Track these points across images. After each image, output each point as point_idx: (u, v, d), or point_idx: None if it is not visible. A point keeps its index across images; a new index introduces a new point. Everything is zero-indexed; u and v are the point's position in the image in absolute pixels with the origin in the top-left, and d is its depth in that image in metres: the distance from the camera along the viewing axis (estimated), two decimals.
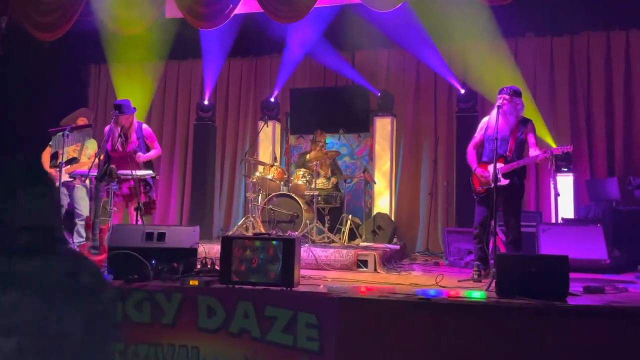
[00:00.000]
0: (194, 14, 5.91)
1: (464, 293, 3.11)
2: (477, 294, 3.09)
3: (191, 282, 3.35)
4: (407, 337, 3.03)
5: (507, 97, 4.28)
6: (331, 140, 7.50)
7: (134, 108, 5.01)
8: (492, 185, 3.92)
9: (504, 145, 4.28)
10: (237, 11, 6.07)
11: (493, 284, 3.45)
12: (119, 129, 4.84)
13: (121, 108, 4.82)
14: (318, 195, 5.90)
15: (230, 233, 6.07)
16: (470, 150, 4.56)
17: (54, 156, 5.75)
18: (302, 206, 5.78)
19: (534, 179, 7.10)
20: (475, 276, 4.06)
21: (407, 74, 7.75)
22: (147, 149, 5.06)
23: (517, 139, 4.30)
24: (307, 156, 6.30)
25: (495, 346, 2.94)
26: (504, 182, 4.09)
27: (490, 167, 4.27)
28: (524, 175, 4.35)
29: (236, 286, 3.31)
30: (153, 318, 3.35)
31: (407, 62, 7.70)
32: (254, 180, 6.13)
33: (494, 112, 4.29)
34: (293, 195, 5.88)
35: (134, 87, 7.88)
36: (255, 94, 8.35)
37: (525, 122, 4.35)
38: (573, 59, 7.13)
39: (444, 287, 3.57)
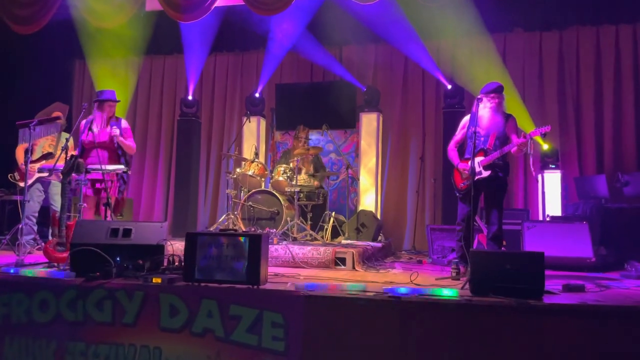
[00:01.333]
0: (173, 5, 5.77)
1: (434, 291, 2.98)
2: (449, 292, 2.97)
3: (154, 280, 3.22)
4: (376, 337, 2.90)
5: (492, 94, 4.18)
6: (317, 137, 7.38)
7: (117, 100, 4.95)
8: (472, 179, 3.79)
9: (486, 140, 4.17)
10: (217, 3, 5.93)
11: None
12: (104, 117, 4.74)
13: (105, 95, 4.77)
14: (300, 192, 5.77)
15: (211, 230, 5.93)
16: (452, 149, 4.46)
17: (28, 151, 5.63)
18: (283, 203, 5.65)
19: (522, 176, 6.98)
20: (454, 274, 3.94)
21: (394, 70, 7.62)
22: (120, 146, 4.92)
23: (500, 134, 4.18)
24: (294, 152, 6.16)
25: (466, 346, 2.82)
26: (485, 173, 3.97)
27: (471, 162, 4.15)
28: (507, 171, 4.23)
29: (200, 284, 3.19)
30: (114, 317, 3.22)
31: (395, 58, 7.57)
32: (235, 176, 5.99)
33: (485, 110, 4.21)
34: (273, 191, 5.75)
35: (114, 82, 7.73)
36: (241, 89, 8.22)
37: (507, 118, 4.24)
38: (562, 54, 7.01)
39: (418, 285, 3.45)
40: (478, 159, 4.10)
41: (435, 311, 2.89)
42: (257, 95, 7.63)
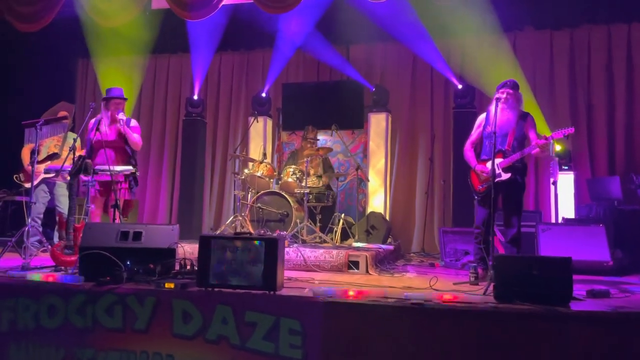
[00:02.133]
0: (180, 3, 5.66)
1: (460, 297, 2.87)
2: (474, 299, 2.86)
3: (166, 285, 3.12)
4: (398, 345, 2.80)
5: (510, 90, 4.07)
6: (323, 138, 7.27)
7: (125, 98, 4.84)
8: (492, 181, 3.68)
9: (503, 141, 4.06)
10: (225, 2, 5.82)
11: (491, 288, 3.23)
12: (109, 115, 4.63)
13: (113, 93, 4.67)
14: (309, 193, 5.67)
15: (218, 232, 5.83)
16: (468, 149, 4.34)
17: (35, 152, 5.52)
18: (292, 204, 5.54)
19: (533, 177, 6.88)
20: (472, 279, 3.83)
21: (402, 69, 7.52)
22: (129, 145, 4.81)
23: (517, 134, 4.08)
24: (303, 152, 6.06)
25: (492, 354, 2.72)
26: (505, 176, 3.86)
27: (489, 164, 4.05)
28: (525, 172, 4.13)
29: (215, 289, 3.08)
30: (125, 323, 3.11)
31: (403, 57, 7.47)
32: (243, 177, 5.89)
33: (493, 106, 4.06)
34: (283, 193, 5.64)
35: (118, 81, 7.62)
36: (246, 89, 8.12)
37: (525, 117, 4.14)
38: (573, 54, 6.92)
39: (438, 290, 3.34)
40: (497, 161, 3.99)
41: (459, 318, 2.78)
42: (263, 95, 7.52)
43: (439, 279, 3.80)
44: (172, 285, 3.11)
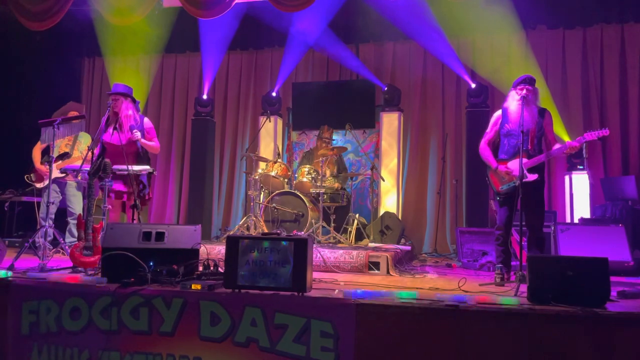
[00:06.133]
0: (193, 2, 5.60)
1: (495, 299, 2.82)
2: (509, 300, 2.81)
3: (193, 287, 3.05)
4: (432, 347, 2.75)
5: (530, 87, 4.00)
6: (335, 137, 7.21)
7: (135, 99, 4.73)
8: (518, 182, 3.63)
9: (525, 140, 3.99)
10: (238, 0, 5.76)
11: (521, 289, 3.19)
12: (115, 115, 4.52)
13: (114, 89, 4.56)
14: (324, 193, 5.61)
15: (231, 233, 5.77)
16: (485, 148, 4.24)
17: (46, 151, 5.44)
18: (308, 205, 5.48)
19: (546, 176, 6.81)
20: (498, 280, 3.79)
21: (413, 68, 7.48)
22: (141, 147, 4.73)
23: (538, 132, 4.01)
24: (317, 152, 6.00)
25: (530, 357, 2.67)
26: (531, 177, 3.79)
27: (510, 164, 4.00)
28: (544, 170, 4.07)
29: (242, 291, 3.02)
30: (151, 326, 3.05)
31: (414, 55, 7.43)
32: (256, 177, 5.82)
33: (515, 104, 4.00)
34: (298, 193, 5.59)
35: (129, 80, 7.56)
36: (255, 88, 8.06)
37: (542, 113, 4.05)
38: (586, 53, 6.88)
39: (467, 292, 3.29)
40: (519, 160, 3.92)
41: (494, 320, 2.73)
42: (273, 94, 7.46)
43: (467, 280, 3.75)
44: (199, 287, 3.05)
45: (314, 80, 7.78)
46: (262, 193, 5.94)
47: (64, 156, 5.24)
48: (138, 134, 4.47)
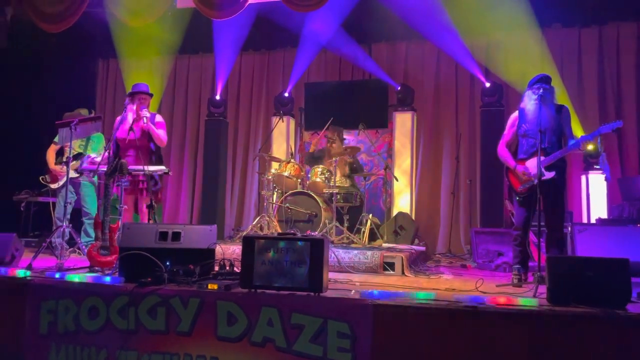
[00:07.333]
0: (207, 2, 5.61)
1: (514, 300, 2.79)
2: (529, 302, 2.78)
3: (209, 286, 3.06)
4: (451, 349, 2.72)
5: (546, 86, 3.96)
6: (348, 137, 7.20)
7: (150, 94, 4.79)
8: (536, 181, 3.59)
9: (543, 138, 3.94)
10: (251, 0, 5.76)
11: (540, 290, 3.15)
12: (134, 113, 4.56)
13: (136, 88, 4.63)
14: (337, 194, 5.59)
15: (244, 233, 5.77)
16: (503, 148, 4.21)
17: (60, 153, 5.50)
18: (321, 205, 5.47)
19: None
20: (516, 280, 3.75)
21: (426, 67, 7.44)
22: (154, 142, 4.75)
23: (556, 130, 3.96)
24: (330, 151, 5.99)
25: (550, 358, 2.63)
26: (548, 175, 3.74)
27: (528, 163, 3.96)
28: (565, 170, 4.02)
29: (258, 291, 3.02)
30: (168, 325, 3.06)
31: (427, 54, 7.40)
32: (269, 177, 5.83)
33: (532, 103, 3.96)
34: (311, 193, 5.58)
35: (143, 81, 7.59)
36: (267, 88, 8.07)
37: (560, 110, 4.01)
38: (602, 51, 6.80)
39: (485, 293, 3.26)
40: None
41: (514, 321, 2.70)
42: (286, 94, 7.46)
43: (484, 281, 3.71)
44: (215, 287, 3.05)
45: (327, 80, 7.77)
46: (275, 193, 5.94)
47: (77, 157, 5.29)
48: (146, 113, 4.50)
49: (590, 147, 6.15)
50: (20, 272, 3.51)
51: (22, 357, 3.28)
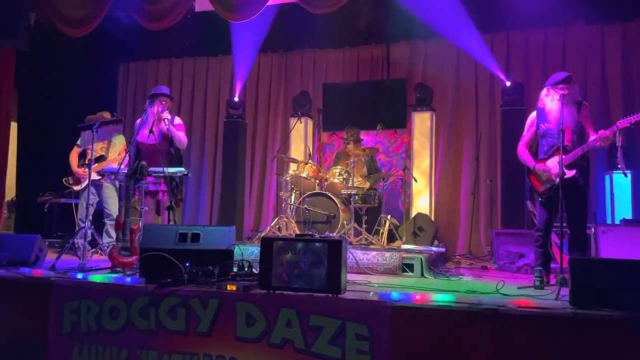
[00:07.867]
0: (225, 5, 5.65)
1: (537, 303, 2.74)
2: (551, 304, 2.73)
3: (228, 287, 3.08)
4: (471, 352, 2.69)
5: (566, 85, 3.89)
6: (365, 138, 7.18)
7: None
8: (557, 180, 3.52)
9: (564, 137, 3.87)
10: (270, 2, 5.78)
11: (563, 292, 3.09)
12: (155, 115, 4.63)
13: (157, 90, 4.70)
14: (355, 195, 5.58)
15: (263, 234, 5.80)
16: (523, 149, 4.15)
17: (82, 155, 5.60)
18: (339, 206, 5.46)
19: None
20: (537, 283, 3.68)
21: (445, 66, 7.36)
22: (174, 146, 4.81)
23: (576, 128, 3.89)
24: (348, 153, 5.99)
25: None
26: (568, 173, 3.67)
27: (549, 162, 3.90)
28: (588, 170, 3.93)
29: (277, 292, 3.02)
30: (188, 326, 3.09)
31: (446, 53, 7.31)
32: (287, 178, 5.84)
33: (554, 103, 3.90)
34: (329, 194, 5.57)
35: (162, 84, 7.70)
36: (285, 89, 8.10)
37: (579, 107, 3.93)
38: (626, 48, 6.64)
39: (506, 295, 3.21)
40: (558, 159, 3.81)
41: (536, 324, 2.65)
42: (303, 95, 7.46)
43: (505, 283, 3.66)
44: (234, 288, 3.07)
45: (345, 80, 7.76)
46: (293, 194, 5.95)
47: (99, 159, 5.38)
48: (167, 115, 4.56)
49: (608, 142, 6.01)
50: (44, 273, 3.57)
51: (47, 356, 3.35)
